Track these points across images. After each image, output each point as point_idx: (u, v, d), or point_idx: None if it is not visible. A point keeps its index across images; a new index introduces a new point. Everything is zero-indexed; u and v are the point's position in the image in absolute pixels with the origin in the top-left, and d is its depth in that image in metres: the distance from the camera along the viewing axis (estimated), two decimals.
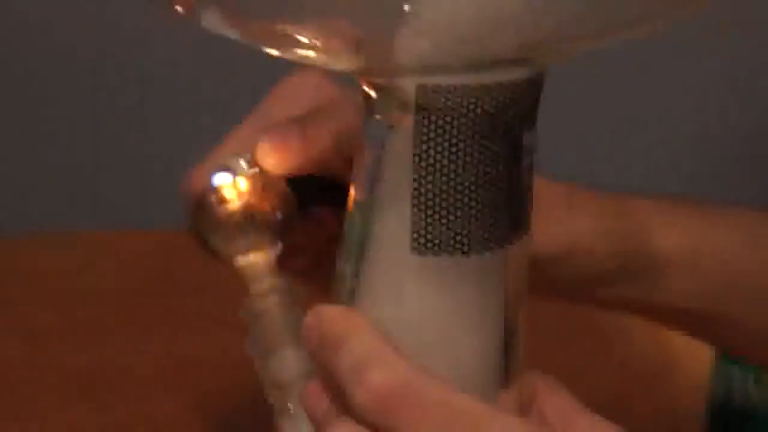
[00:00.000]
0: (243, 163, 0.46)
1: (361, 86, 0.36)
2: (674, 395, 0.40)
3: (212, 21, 0.33)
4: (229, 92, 1.09)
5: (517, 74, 0.35)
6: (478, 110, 0.35)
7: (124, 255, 0.94)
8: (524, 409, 0.37)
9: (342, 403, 0.36)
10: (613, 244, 0.48)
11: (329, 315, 0.37)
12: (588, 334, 0.42)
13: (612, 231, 0.48)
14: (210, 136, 0.51)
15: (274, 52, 0.34)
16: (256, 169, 0.45)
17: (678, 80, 1.29)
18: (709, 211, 0.52)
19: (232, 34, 0.34)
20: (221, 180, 0.45)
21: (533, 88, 0.36)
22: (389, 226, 0.37)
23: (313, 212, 0.47)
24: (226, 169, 0.45)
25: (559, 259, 0.47)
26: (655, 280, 0.49)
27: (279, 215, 0.45)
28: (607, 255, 0.48)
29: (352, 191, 0.38)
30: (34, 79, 1.39)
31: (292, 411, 0.43)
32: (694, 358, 0.72)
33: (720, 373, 0.68)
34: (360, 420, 0.35)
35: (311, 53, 0.34)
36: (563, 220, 0.47)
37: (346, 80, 0.39)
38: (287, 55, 0.34)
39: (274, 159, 0.45)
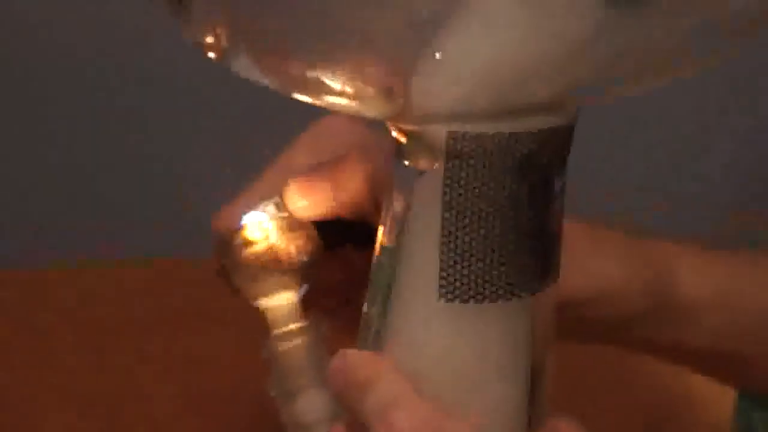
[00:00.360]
0: (272, 206, 0.46)
1: (390, 132, 0.36)
2: None
3: (243, 67, 0.34)
4: (230, 95, 1.09)
5: (549, 121, 0.35)
6: (509, 157, 0.35)
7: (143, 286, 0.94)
8: None
9: None
10: (642, 287, 0.48)
11: (355, 359, 0.37)
12: (610, 375, 0.42)
13: (640, 274, 0.48)
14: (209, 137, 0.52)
15: (306, 99, 0.34)
16: (285, 213, 0.46)
17: (677, 80, 1.30)
18: (734, 256, 0.52)
19: (264, 80, 0.34)
20: (248, 221, 0.45)
21: (564, 134, 0.36)
22: (417, 271, 0.37)
23: (340, 252, 0.47)
24: (253, 210, 0.46)
25: (588, 303, 0.47)
26: (685, 323, 0.50)
27: (305, 258, 0.45)
28: (637, 298, 0.48)
29: (380, 235, 0.38)
30: (33, 80, 1.40)
31: None
32: (715, 399, 0.72)
33: (741, 415, 0.68)
34: None
35: (342, 100, 0.34)
36: (591, 263, 0.47)
37: (375, 124, 0.39)
38: (318, 102, 0.34)
39: (303, 203, 0.46)
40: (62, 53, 1.37)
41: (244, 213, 0.46)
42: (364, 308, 0.39)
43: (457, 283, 0.36)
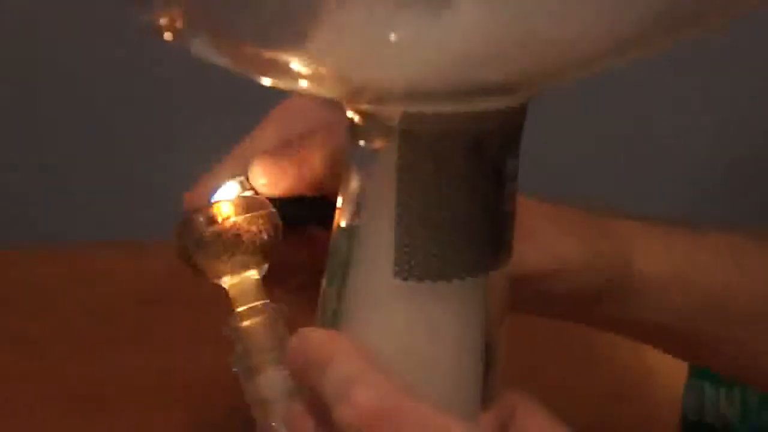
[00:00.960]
0: (236, 185, 0.47)
1: (345, 111, 0.37)
2: (651, 411, 0.41)
3: (202, 48, 0.34)
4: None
5: (502, 103, 0.36)
6: (462, 138, 0.36)
7: (122, 269, 0.95)
8: (503, 428, 0.38)
9: (326, 423, 0.37)
10: (599, 264, 0.50)
11: (314, 337, 0.38)
12: (567, 350, 0.43)
13: (598, 251, 0.50)
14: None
15: (264, 80, 0.35)
16: (249, 191, 0.47)
17: (661, 98, 1.31)
18: (694, 234, 0.53)
19: (223, 61, 0.34)
20: (213, 200, 0.46)
21: (517, 116, 0.37)
22: (372, 251, 0.38)
23: (303, 231, 0.48)
24: (219, 189, 0.47)
25: (547, 278, 0.48)
26: (640, 300, 0.51)
27: (266, 236, 0.46)
28: (594, 274, 0.50)
29: (337, 215, 0.39)
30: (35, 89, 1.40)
31: (274, 428, 0.44)
32: (669, 374, 0.74)
33: (692, 389, 0.70)
34: None
35: (298, 81, 0.35)
36: (551, 240, 0.48)
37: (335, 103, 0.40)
38: (276, 83, 0.35)
39: (267, 181, 0.47)
40: (47, 50, 1.38)
41: (212, 192, 0.47)
42: (322, 287, 0.40)
43: (412, 263, 0.36)
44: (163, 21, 0.33)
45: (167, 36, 0.33)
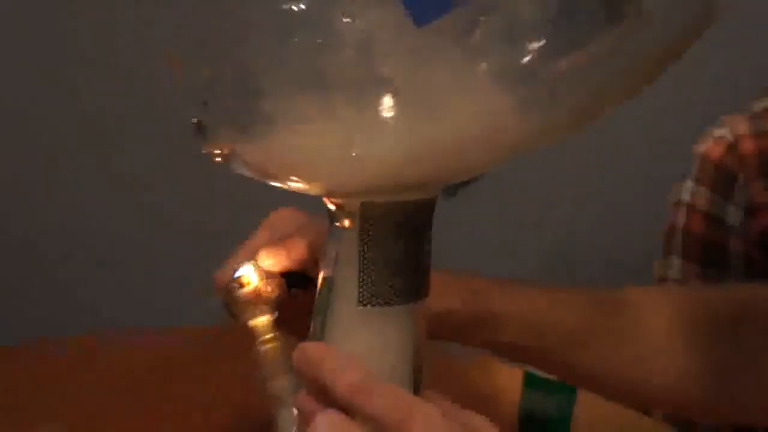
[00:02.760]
0: (251, 265, 0.67)
1: (326, 204, 0.52)
2: (495, 414, 0.54)
3: (237, 167, 0.50)
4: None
5: (424, 195, 0.51)
6: (398, 217, 0.50)
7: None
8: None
9: (323, 401, 0.49)
10: (470, 308, 0.71)
11: (311, 347, 0.52)
12: (435, 378, 0.55)
13: (469, 301, 0.71)
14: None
15: (277, 185, 0.51)
16: (260, 269, 0.67)
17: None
18: (526, 285, 0.75)
19: (250, 175, 0.51)
20: (239, 274, 0.66)
21: (431, 203, 0.51)
22: (344, 290, 0.51)
23: (294, 293, 0.68)
24: (241, 267, 0.67)
25: (442, 316, 0.69)
26: (497, 328, 0.73)
27: (275, 295, 0.66)
28: (467, 314, 0.71)
29: (321, 271, 0.53)
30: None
31: (284, 415, 0.63)
32: (511, 388, 0.96)
33: (525, 397, 0.94)
34: (339, 406, 0.48)
35: (296, 185, 0.51)
36: (443, 297, 0.68)
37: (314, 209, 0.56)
38: (284, 187, 0.51)
39: (270, 262, 0.67)
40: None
41: (235, 269, 0.67)
42: (312, 321, 0.54)
43: (368, 294, 0.51)
44: (214, 150, 0.51)
45: (217, 159, 0.51)
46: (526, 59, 0.44)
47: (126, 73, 1.55)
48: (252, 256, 0.68)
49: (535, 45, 0.44)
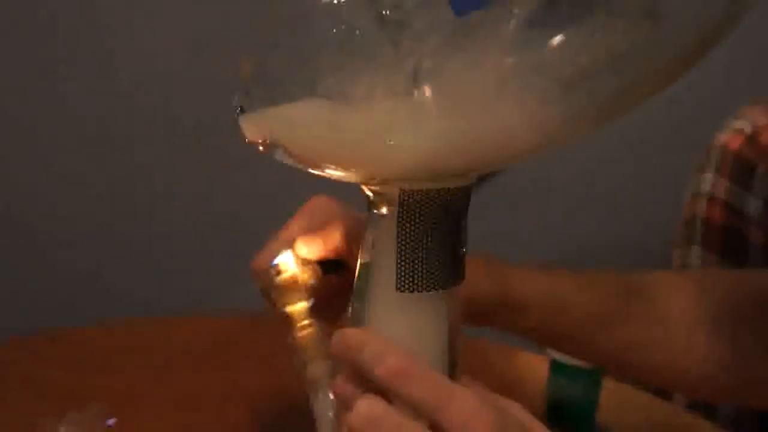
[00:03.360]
0: (289, 253, 0.68)
1: (364, 191, 0.53)
2: (522, 401, 0.54)
3: (280, 156, 0.51)
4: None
5: (460, 182, 0.51)
6: (436, 203, 0.50)
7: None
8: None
9: (362, 386, 0.50)
10: (495, 292, 0.72)
11: (350, 332, 0.53)
12: (466, 365, 0.55)
13: (495, 284, 0.72)
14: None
15: (318, 173, 0.51)
16: (297, 257, 0.68)
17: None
18: (552, 270, 0.76)
19: (292, 163, 0.51)
20: (278, 261, 0.68)
21: (468, 190, 0.52)
22: (382, 276, 0.52)
23: (329, 279, 0.70)
24: (279, 255, 0.68)
25: (468, 300, 0.65)
26: (519, 312, 0.74)
27: (311, 281, 0.67)
28: (493, 298, 0.72)
29: (360, 257, 0.53)
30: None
31: (320, 397, 0.64)
32: (537, 375, 0.98)
33: (552, 383, 0.95)
34: (378, 390, 0.49)
35: (336, 173, 0.51)
36: (469, 279, 0.66)
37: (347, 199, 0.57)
38: (325, 175, 0.51)
39: (306, 251, 0.68)
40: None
41: (273, 257, 0.68)
42: (351, 305, 0.54)
43: (405, 280, 0.51)
44: (257, 140, 0.51)
45: (261, 149, 0.51)
46: (563, 53, 0.44)
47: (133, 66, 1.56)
48: (289, 245, 0.70)
49: (572, 39, 0.44)
